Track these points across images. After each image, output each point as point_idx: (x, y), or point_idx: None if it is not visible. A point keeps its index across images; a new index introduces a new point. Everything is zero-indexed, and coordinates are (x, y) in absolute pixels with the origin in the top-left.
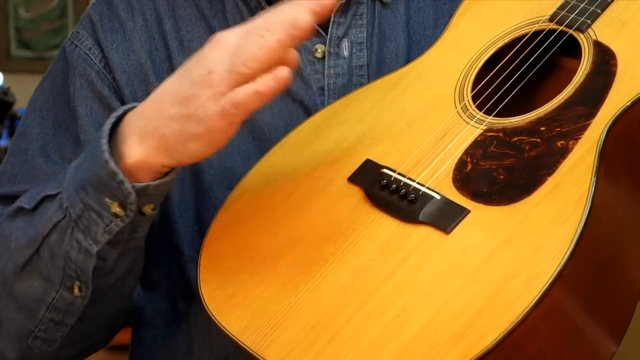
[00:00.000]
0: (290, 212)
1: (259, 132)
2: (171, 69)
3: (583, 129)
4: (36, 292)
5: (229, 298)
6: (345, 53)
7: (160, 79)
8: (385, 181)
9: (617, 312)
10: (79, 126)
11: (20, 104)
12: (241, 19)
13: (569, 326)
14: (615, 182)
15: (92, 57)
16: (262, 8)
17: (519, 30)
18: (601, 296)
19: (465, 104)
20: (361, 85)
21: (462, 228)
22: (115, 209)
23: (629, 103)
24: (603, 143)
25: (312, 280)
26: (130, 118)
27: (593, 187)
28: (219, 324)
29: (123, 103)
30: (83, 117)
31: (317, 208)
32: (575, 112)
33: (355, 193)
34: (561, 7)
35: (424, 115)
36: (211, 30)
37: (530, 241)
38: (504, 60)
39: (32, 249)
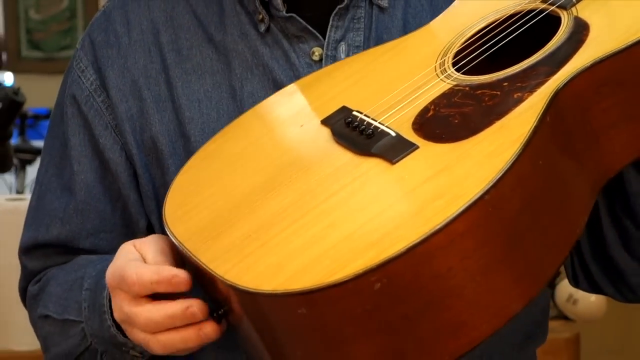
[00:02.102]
0: (262, 149)
1: None
2: (167, 80)
3: (541, 84)
4: None
5: (185, 213)
6: (342, 56)
7: (155, 94)
8: (350, 119)
9: (536, 261)
10: (72, 156)
11: (30, 104)
12: (239, 23)
13: (484, 253)
14: (561, 135)
15: (84, 80)
16: (260, 13)
17: (512, 9)
18: (523, 237)
19: (444, 62)
20: None
21: (408, 160)
22: (135, 353)
23: (589, 64)
24: (555, 94)
25: (261, 200)
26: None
27: (533, 129)
28: (169, 233)
29: (114, 127)
30: (75, 147)
31: (287, 144)
32: (538, 71)
33: (324, 132)
34: None
35: (405, 75)
36: (209, 38)
37: (464, 170)
38: (492, 33)
39: (67, 355)
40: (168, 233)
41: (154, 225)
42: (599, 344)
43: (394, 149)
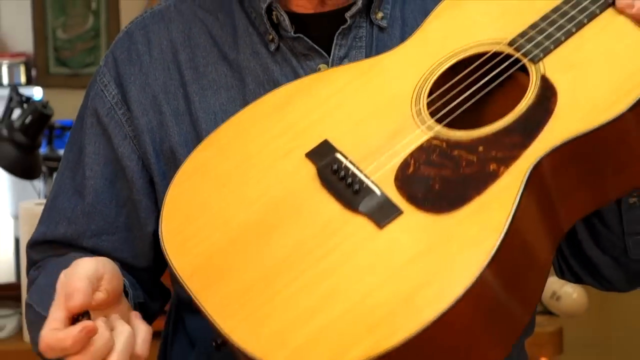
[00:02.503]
0: (251, 172)
1: None
2: (185, 95)
3: (515, 157)
4: None
5: (184, 242)
6: None
7: (174, 108)
8: (336, 166)
9: (510, 324)
10: (85, 163)
11: (58, 116)
12: (251, 42)
13: (468, 331)
14: (531, 212)
15: (106, 94)
16: (270, 33)
17: (481, 47)
18: (500, 309)
19: (420, 108)
20: None
21: (394, 226)
22: None
23: (558, 144)
24: (529, 175)
25: (258, 243)
26: None
27: (511, 217)
28: (171, 265)
29: (134, 137)
30: (90, 154)
31: (274, 174)
32: (511, 140)
33: (309, 169)
34: (521, 35)
35: (383, 109)
36: (223, 56)
37: (449, 254)
38: (462, 74)
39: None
40: (167, 261)
41: None
42: (580, 337)
43: (380, 212)
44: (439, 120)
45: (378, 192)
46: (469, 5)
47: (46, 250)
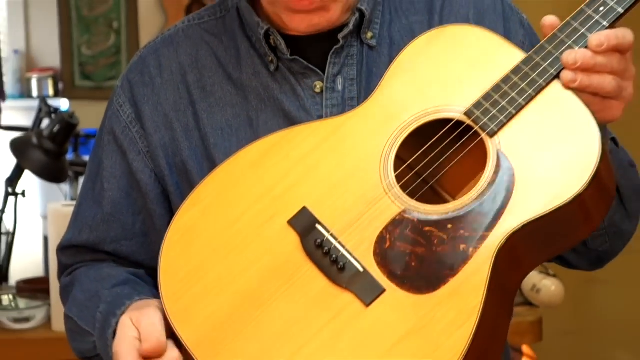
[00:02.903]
0: (238, 238)
1: None
2: (194, 112)
3: (482, 239)
4: None
5: (186, 309)
6: (340, 87)
7: (184, 124)
8: (319, 241)
9: None
10: (104, 176)
11: (83, 125)
12: (253, 64)
13: None
14: (497, 289)
15: (122, 113)
16: (269, 55)
17: (438, 114)
18: None
19: (389, 178)
20: None
21: (379, 304)
22: None
23: (519, 225)
24: (495, 257)
25: (255, 314)
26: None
27: (483, 301)
28: (176, 332)
29: (148, 153)
30: (107, 168)
31: (261, 242)
32: (476, 220)
33: (293, 238)
34: (476, 106)
35: (354, 175)
36: (228, 76)
37: (432, 338)
38: (426, 145)
39: (83, 355)
40: (172, 326)
41: None
42: (557, 326)
43: (365, 290)
44: (407, 191)
45: (361, 269)
46: (421, 67)
47: (74, 254)
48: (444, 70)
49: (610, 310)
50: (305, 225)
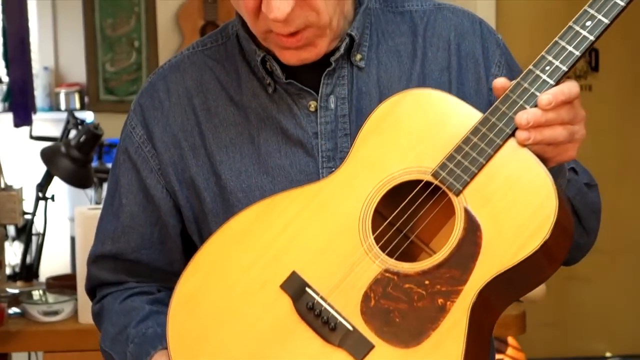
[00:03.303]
0: (236, 304)
1: (270, 169)
2: (200, 132)
3: (457, 293)
4: None
5: None
6: (332, 106)
7: (191, 143)
8: (310, 304)
9: None
10: (121, 192)
11: (107, 136)
12: (252, 86)
13: None
14: (475, 334)
15: (134, 135)
16: (267, 79)
17: (409, 175)
18: None
19: (369, 239)
20: (344, 130)
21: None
22: None
23: (490, 279)
24: (470, 311)
25: None
26: None
27: (464, 350)
28: None
29: (158, 171)
30: (124, 185)
31: (256, 307)
32: (451, 274)
33: (286, 302)
34: (441, 167)
35: (336, 238)
36: (230, 98)
37: None
38: (400, 207)
39: None
40: None
41: (196, 242)
42: (539, 319)
43: (356, 347)
44: (384, 250)
45: (351, 328)
46: (389, 131)
47: (102, 265)
48: (410, 133)
49: (587, 304)
50: (296, 289)
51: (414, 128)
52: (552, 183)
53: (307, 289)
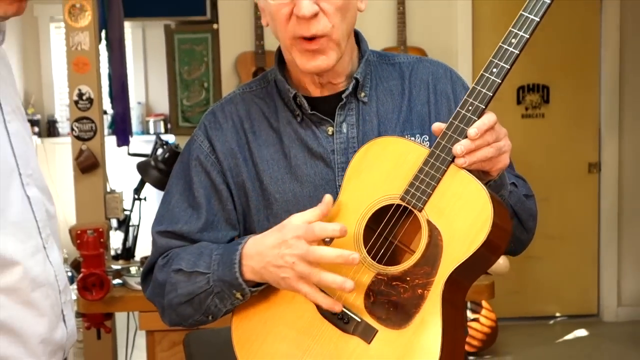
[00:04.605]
0: (280, 310)
1: (299, 177)
2: (249, 148)
3: (430, 283)
4: (189, 314)
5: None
6: (345, 131)
7: (243, 156)
8: None
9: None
10: (194, 188)
11: None
12: (286, 116)
13: None
14: (449, 310)
15: (203, 147)
16: (297, 110)
17: (385, 201)
18: None
19: (363, 255)
20: (354, 148)
21: (376, 341)
22: (238, 296)
23: (451, 271)
24: (442, 294)
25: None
26: (246, 252)
27: (441, 327)
28: None
29: (221, 173)
30: (196, 183)
31: (293, 311)
32: (424, 270)
33: (311, 307)
34: (406, 192)
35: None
36: (269, 125)
37: (416, 355)
38: (382, 224)
39: (189, 297)
40: None
41: (239, 229)
42: (505, 288)
43: (365, 333)
44: (377, 259)
45: (359, 320)
46: (365, 171)
47: (169, 238)
48: (380, 170)
49: (541, 276)
50: None
51: (382, 166)
52: (487, 193)
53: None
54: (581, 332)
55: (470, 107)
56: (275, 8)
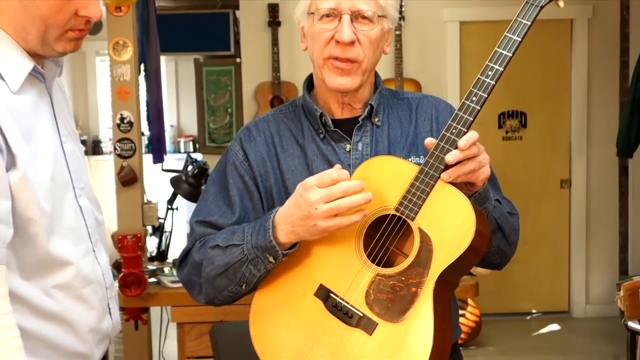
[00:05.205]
0: (292, 306)
1: None
2: (277, 159)
3: (422, 282)
4: (224, 285)
5: (270, 355)
6: (360, 148)
7: (271, 165)
8: (335, 303)
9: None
10: (230, 188)
11: (211, 169)
12: (310, 134)
13: None
14: (439, 305)
15: (238, 155)
16: (321, 129)
17: (382, 212)
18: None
19: (364, 258)
20: None
21: (376, 333)
22: (271, 260)
23: (440, 272)
24: (433, 292)
25: (310, 355)
26: (277, 219)
27: (433, 320)
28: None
29: (253, 177)
30: (231, 184)
31: (303, 307)
32: (416, 271)
33: (319, 304)
34: (400, 204)
35: (344, 258)
36: (296, 141)
37: (410, 350)
38: (380, 230)
39: (225, 268)
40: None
41: None
42: (488, 287)
43: (367, 326)
44: (375, 262)
45: (361, 314)
46: (366, 184)
47: (205, 226)
48: (378, 185)
49: (520, 278)
50: (324, 295)
51: (379, 182)
52: (470, 205)
53: (331, 294)
54: (554, 327)
55: (454, 130)
56: (319, 31)
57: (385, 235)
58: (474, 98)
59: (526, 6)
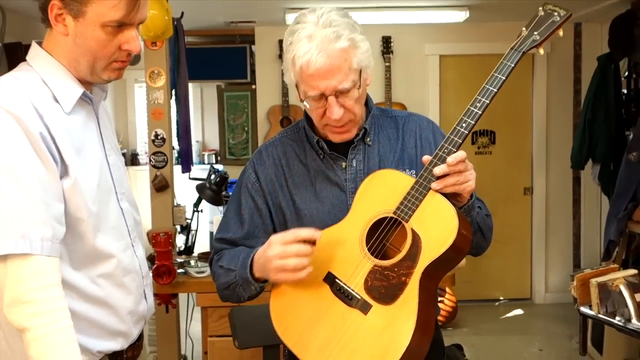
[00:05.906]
0: (305, 291)
1: (321, 198)
2: (285, 179)
3: (411, 273)
4: (229, 295)
5: (285, 329)
6: (354, 165)
7: (279, 184)
8: (339, 288)
9: (430, 335)
10: (242, 208)
11: (230, 178)
12: (312, 155)
13: (417, 350)
14: (424, 293)
15: (250, 177)
16: (320, 150)
17: (382, 214)
18: (425, 337)
19: (365, 250)
20: (361, 178)
21: (371, 313)
22: (254, 288)
23: (427, 264)
24: (420, 282)
25: (316, 328)
26: (255, 257)
27: (417, 305)
28: (281, 338)
29: (263, 196)
30: (243, 204)
31: (313, 289)
32: (407, 264)
33: (327, 288)
34: (397, 208)
35: (349, 251)
36: (300, 161)
37: (397, 326)
38: (380, 229)
39: (226, 285)
40: (279, 335)
41: None
42: (463, 278)
43: (363, 307)
44: (374, 255)
45: (359, 297)
46: (369, 194)
47: (221, 243)
48: (379, 194)
49: (489, 270)
50: (331, 280)
51: (381, 191)
52: (454, 211)
53: (336, 280)
54: (518, 312)
55: (445, 150)
56: (312, 108)
57: (383, 234)
58: (463, 124)
59: (511, 51)
